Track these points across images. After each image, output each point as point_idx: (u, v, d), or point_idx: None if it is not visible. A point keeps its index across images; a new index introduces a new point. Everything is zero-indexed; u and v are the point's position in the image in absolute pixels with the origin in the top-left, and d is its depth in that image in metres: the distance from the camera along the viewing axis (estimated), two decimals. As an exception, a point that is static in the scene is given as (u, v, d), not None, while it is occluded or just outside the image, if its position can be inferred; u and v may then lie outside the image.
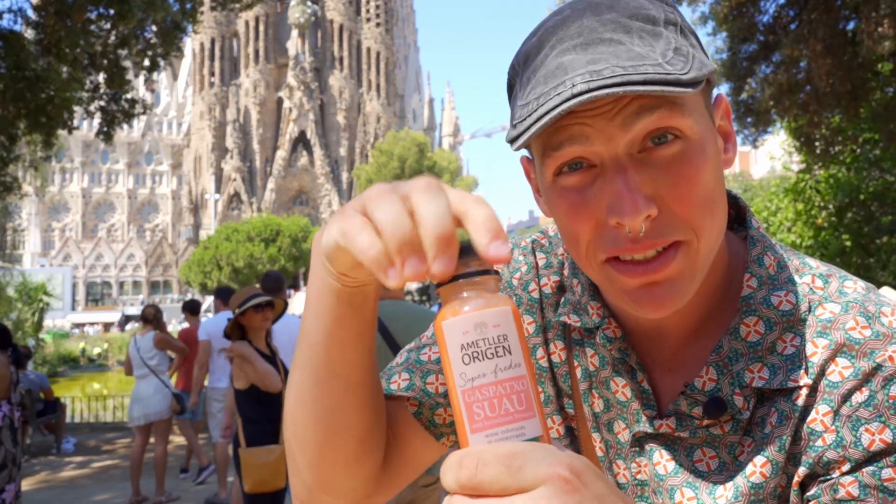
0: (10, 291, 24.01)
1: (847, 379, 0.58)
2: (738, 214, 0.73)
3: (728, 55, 9.46)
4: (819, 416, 0.59)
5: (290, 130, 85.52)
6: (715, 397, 0.62)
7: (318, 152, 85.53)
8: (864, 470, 0.56)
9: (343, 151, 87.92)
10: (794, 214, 12.06)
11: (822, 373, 0.60)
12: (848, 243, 11.11)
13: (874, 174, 11.02)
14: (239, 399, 3.68)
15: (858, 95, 8.38)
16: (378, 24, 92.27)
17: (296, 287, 66.32)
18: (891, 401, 0.56)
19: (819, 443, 0.58)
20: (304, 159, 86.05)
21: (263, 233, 50.87)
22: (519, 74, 0.63)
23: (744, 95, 9.43)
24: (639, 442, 0.67)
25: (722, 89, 10.03)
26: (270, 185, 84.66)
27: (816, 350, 0.60)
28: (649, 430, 0.65)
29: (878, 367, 0.57)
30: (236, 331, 3.70)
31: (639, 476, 0.67)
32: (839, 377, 0.59)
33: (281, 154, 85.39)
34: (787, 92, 8.53)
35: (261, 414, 3.60)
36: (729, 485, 0.61)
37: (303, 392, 0.64)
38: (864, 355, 0.58)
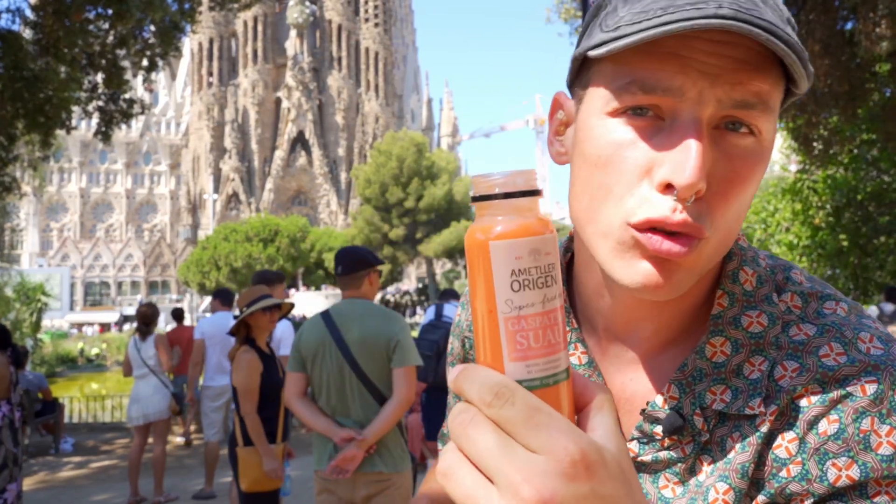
0: (9, 291, 23.97)
1: (814, 405, 0.55)
2: None
3: (726, 55, 9.48)
4: (785, 442, 0.56)
5: (288, 130, 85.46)
6: (674, 414, 0.60)
7: (316, 152, 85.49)
8: None
9: (341, 151, 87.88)
10: (791, 214, 12.08)
11: (789, 398, 0.57)
12: (845, 243, 11.13)
13: (872, 174, 11.04)
14: (237, 398, 3.68)
15: (856, 96, 8.39)
16: (377, 25, 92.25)
17: (294, 287, 66.28)
18: (861, 435, 0.53)
19: (783, 473, 0.55)
20: (302, 159, 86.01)
21: (262, 233, 50.81)
22: None
23: (742, 96, 9.45)
24: None
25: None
26: (269, 185, 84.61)
27: (785, 374, 0.58)
28: None
29: (848, 396, 0.54)
30: (242, 330, 3.71)
31: None
32: (807, 403, 0.56)
33: (279, 154, 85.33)
34: (785, 92, 8.55)
35: (259, 412, 3.60)
36: None
37: None
38: (836, 382, 0.55)
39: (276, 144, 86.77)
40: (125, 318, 65.66)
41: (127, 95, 10.07)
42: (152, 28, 9.53)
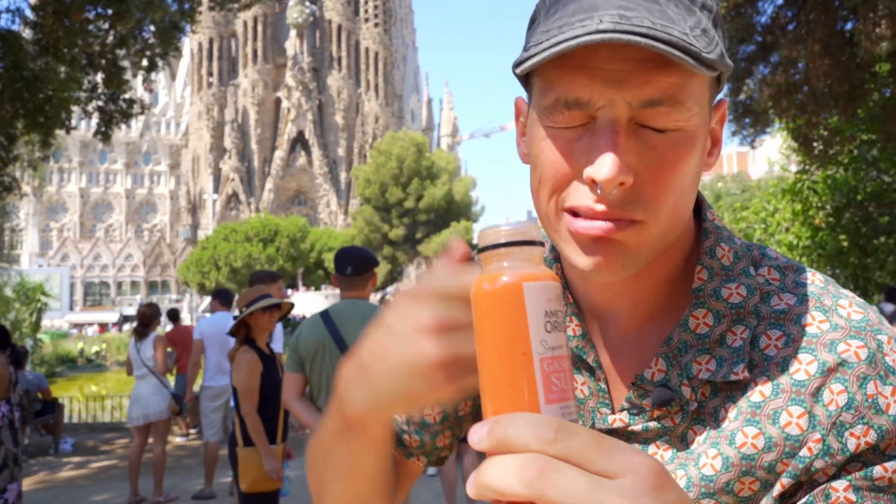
0: (8, 292, 23.97)
1: (814, 377, 0.58)
2: (695, 207, 0.72)
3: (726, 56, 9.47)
4: (794, 419, 0.58)
5: (288, 130, 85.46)
6: (663, 386, 0.62)
7: (316, 152, 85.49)
8: (854, 473, 0.55)
9: (341, 151, 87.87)
10: (791, 215, 12.08)
11: (781, 369, 0.59)
12: (845, 244, 11.13)
13: (872, 175, 11.04)
14: (237, 398, 3.68)
15: (856, 96, 8.39)
16: (376, 25, 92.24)
17: (294, 287, 66.29)
18: (870, 399, 0.56)
19: (804, 452, 0.57)
20: (302, 159, 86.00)
21: (262, 233, 50.81)
22: (546, 6, 0.62)
23: (742, 96, 9.44)
24: None
25: (720, 90, 10.04)
26: (269, 185, 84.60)
27: (770, 343, 0.61)
28: (603, 427, 0.66)
29: (844, 364, 0.57)
30: (242, 330, 3.71)
31: None
32: (805, 375, 0.58)
33: (279, 154, 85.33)
34: (786, 92, 8.54)
35: (259, 413, 3.60)
36: (681, 473, 0.61)
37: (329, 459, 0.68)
38: (825, 347, 0.58)
39: (276, 144, 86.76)
40: (125, 318, 65.63)
41: (127, 95, 10.06)
42: (152, 28, 9.52)
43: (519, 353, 0.41)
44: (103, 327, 58.78)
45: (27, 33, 8.92)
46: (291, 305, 3.94)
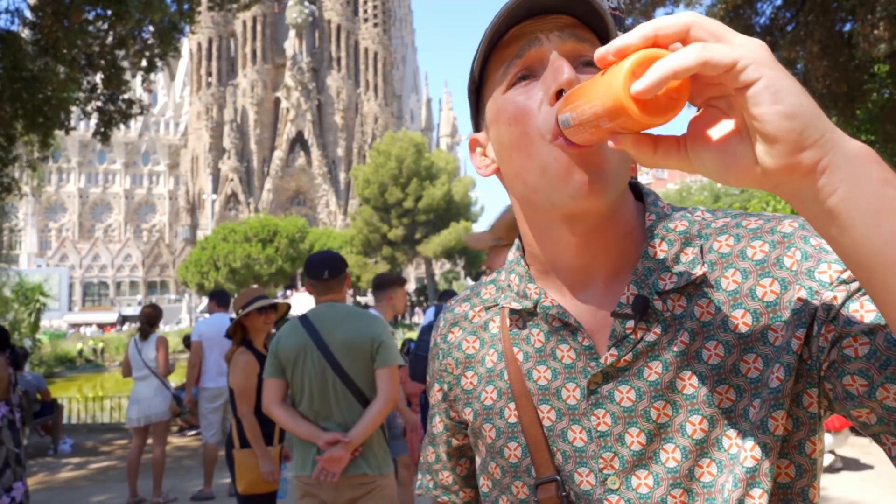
0: (7, 292, 23.95)
1: (770, 252, 0.68)
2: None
3: (725, 57, 9.47)
4: (768, 288, 0.67)
5: (287, 131, 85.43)
6: (639, 298, 0.71)
7: (315, 152, 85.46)
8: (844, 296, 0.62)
9: (340, 152, 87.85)
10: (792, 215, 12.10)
11: (742, 257, 0.70)
12: (844, 244, 11.15)
13: (871, 175, 11.06)
14: (234, 399, 3.67)
15: (855, 97, 8.41)
16: (376, 25, 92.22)
17: (293, 287, 66.22)
18: (817, 247, 0.66)
19: (796, 305, 0.65)
20: (301, 159, 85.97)
21: (261, 233, 50.74)
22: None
23: (741, 97, 9.45)
24: (594, 393, 0.72)
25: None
26: (268, 185, 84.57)
27: (722, 243, 0.72)
28: (596, 370, 0.72)
29: (788, 234, 0.69)
30: (239, 331, 3.71)
31: (599, 428, 0.72)
32: (762, 254, 0.69)
33: (278, 154, 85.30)
34: (784, 93, 8.55)
35: (255, 414, 3.59)
36: (687, 374, 0.69)
37: None
38: (768, 232, 0.70)
39: (275, 144, 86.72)
40: (124, 319, 65.63)
41: (126, 96, 10.06)
42: (151, 29, 9.52)
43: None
44: (103, 327, 58.76)
45: (26, 34, 8.91)
46: (288, 307, 3.94)
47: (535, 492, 0.76)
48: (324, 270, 3.04)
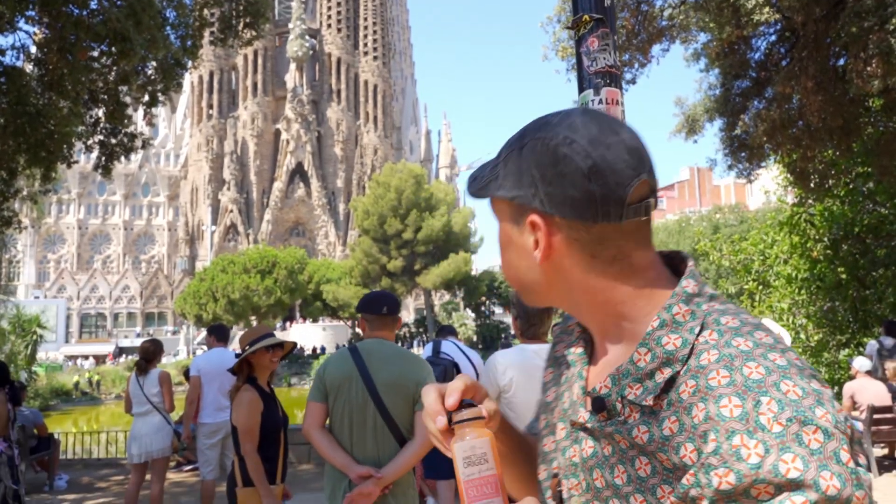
0: (4, 324, 23.86)
1: (702, 422, 0.70)
2: (678, 266, 0.89)
3: (721, 91, 9.59)
4: (688, 452, 0.71)
5: (287, 162, 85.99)
6: (598, 398, 0.82)
7: (314, 184, 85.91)
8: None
9: (340, 183, 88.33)
10: (789, 247, 12.11)
11: (687, 413, 0.72)
12: (844, 276, 11.15)
13: (868, 207, 11.11)
14: (237, 437, 3.64)
15: (850, 130, 8.48)
16: (376, 58, 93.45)
17: (291, 319, 65.96)
18: (734, 449, 0.66)
19: (685, 481, 0.70)
20: (300, 191, 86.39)
21: (260, 264, 50.74)
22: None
23: (738, 130, 9.53)
24: (574, 431, 0.87)
25: (715, 125, 10.14)
26: (267, 216, 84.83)
27: (686, 389, 0.74)
28: (575, 421, 0.86)
29: (720, 416, 0.68)
30: (244, 368, 3.69)
31: (574, 459, 0.86)
32: (698, 420, 0.70)
33: (278, 185, 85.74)
34: (780, 127, 8.63)
35: (259, 452, 3.56)
36: (602, 471, 0.81)
37: None
38: (714, 399, 0.70)
39: (275, 176, 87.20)
40: (121, 350, 65.19)
41: (128, 130, 10.13)
42: (154, 64, 9.64)
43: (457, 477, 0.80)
44: (99, 359, 58.30)
45: (31, 69, 9.02)
46: (294, 345, 3.93)
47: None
48: (383, 306, 3.12)
